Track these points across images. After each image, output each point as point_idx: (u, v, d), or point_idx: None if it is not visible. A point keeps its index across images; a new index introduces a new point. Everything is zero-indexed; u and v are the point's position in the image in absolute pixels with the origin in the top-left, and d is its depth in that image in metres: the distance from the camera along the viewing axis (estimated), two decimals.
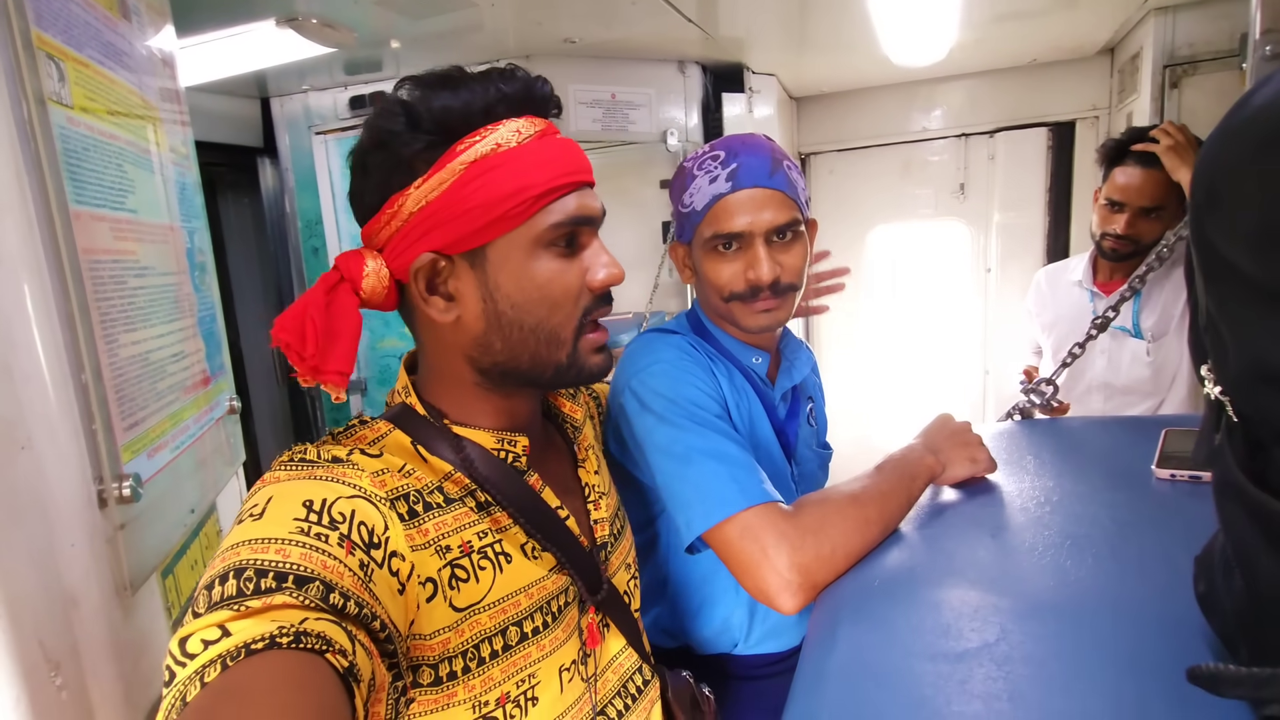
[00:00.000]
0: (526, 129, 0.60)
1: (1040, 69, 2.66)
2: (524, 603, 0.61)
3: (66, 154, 0.61)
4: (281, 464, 0.55)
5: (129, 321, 0.70)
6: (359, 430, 0.62)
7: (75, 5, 0.66)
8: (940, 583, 0.66)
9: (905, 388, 3.20)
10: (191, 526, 0.83)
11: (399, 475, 0.58)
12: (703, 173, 0.89)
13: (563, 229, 0.61)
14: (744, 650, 0.97)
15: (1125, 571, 0.64)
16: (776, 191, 0.87)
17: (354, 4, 1.55)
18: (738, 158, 0.87)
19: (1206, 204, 0.39)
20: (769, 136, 0.94)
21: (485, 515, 0.62)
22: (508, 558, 0.61)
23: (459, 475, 0.62)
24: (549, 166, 0.60)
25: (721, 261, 0.89)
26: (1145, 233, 1.61)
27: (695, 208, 0.89)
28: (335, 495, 0.51)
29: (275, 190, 2.63)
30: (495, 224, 0.58)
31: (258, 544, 0.46)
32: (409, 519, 0.55)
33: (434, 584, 0.55)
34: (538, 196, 0.59)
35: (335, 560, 0.47)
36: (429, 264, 0.60)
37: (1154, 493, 0.81)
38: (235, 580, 0.44)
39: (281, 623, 0.41)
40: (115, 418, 0.64)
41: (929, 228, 3.04)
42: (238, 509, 0.52)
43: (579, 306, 0.64)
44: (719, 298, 0.91)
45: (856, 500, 0.74)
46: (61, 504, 0.57)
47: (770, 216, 0.86)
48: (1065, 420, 1.20)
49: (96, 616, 0.60)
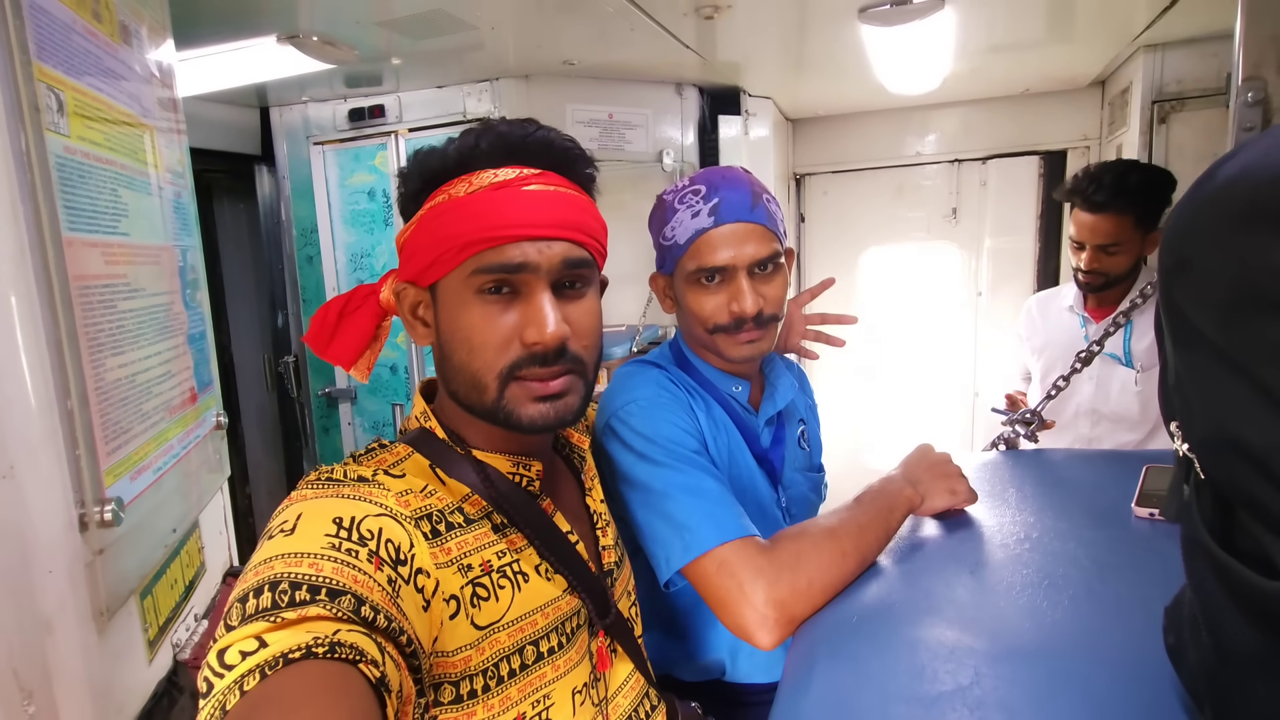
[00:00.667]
0: (482, 180, 0.62)
1: (1033, 99, 2.70)
2: (540, 622, 0.63)
3: (62, 182, 0.61)
4: (309, 483, 0.57)
5: (117, 345, 0.70)
6: (379, 453, 0.65)
7: (77, 35, 0.67)
8: (918, 621, 0.66)
9: (896, 409, 3.21)
10: (173, 546, 0.83)
11: (421, 495, 0.60)
12: (684, 206, 0.90)
13: (486, 275, 0.61)
14: (732, 679, 0.97)
15: (1101, 615, 0.65)
16: (758, 225, 0.88)
17: (355, 24, 1.57)
18: (719, 192, 0.88)
19: (1176, 270, 0.40)
20: (746, 169, 0.95)
21: (502, 536, 0.64)
22: (525, 577, 0.63)
23: (476, 497, 0.64)
24: (487, 217, 0.61)
25: (705, 294, 0.90)
26: (1109, 266, 1.70)
27: (678, 241, 0.90)
28: (363, 513, 0.53)
29: (272, 198, 2.63)
30: (435, 265, 0.63)
31: (291, 558, 0.47)
32: (432, 537, 0.57)
33: (457, 601, 0.57)
34: (462, 246, 0.61)
35: (366, 575, 0.49)
36: (406, 291, 0.67)
37: (1133, 532, 0.82)
38: (270, 593, 0.45)
39: (316, 633, 0.42)
40: (99, 442, 0.64)
41: (921, 250, 3.06)
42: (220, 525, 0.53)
43: (503, 357, 0.63)
44: (703, 330, 0.92)
45: (833, 533, 0.75)
46: (40, 531, 0.57)
47: (752, 250, 0.88)
48: (1049, 452, 1.20)
49: (71, 642, 0.60)
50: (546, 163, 0.65)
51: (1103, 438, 1.85)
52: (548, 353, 0.62)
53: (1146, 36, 1.97)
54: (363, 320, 0.71)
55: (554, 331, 0.62)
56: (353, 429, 2.62)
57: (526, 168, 0.64)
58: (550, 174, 0.65)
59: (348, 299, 0.72)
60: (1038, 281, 2.84)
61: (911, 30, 1.78)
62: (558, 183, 0.65)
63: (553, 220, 0.63)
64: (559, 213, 0.64)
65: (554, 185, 0.64)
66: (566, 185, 0.66)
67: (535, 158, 0.65)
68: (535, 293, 0.63)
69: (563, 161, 0.67)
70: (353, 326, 0.71)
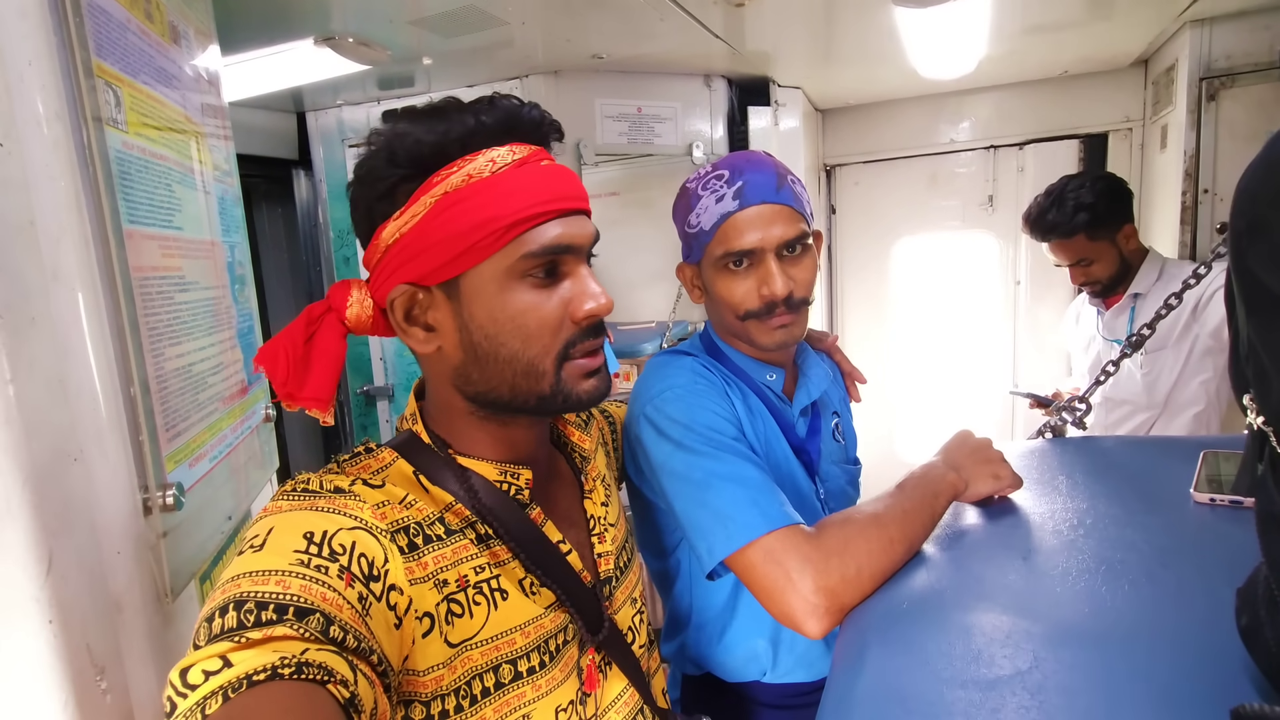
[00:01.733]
0: (504, 157, 0.59)
1: (1071, 81, 2.62)
2: (519, 641, 0.60)
3: (121, 176, 0.63)
4: (284, 493, 0.55)
5: (174, 335, 0.72)
6: (364, 459, 0.62)
7: (132, 34, 0.69)
8: (970, 606, 0.65)
9: (933, 401, 3.16)
10: (228, 533, 0.85)
11: (400, 507, 0.57)
12: (708, 192, 0.89)
13: (537, 259, 0.59)
14: (773, 679, 0.96)
15: (1163, 599, 0.62)
16: (784, 206, 0.87)
17: (388, 24, 1.59)
18: (743, 175, 0.87)
19: (1248, 233, 0.38)
20: (768, 153, 0.94)
21: (484, 548, 0.61)
22: (503, 594, 0.60)
23: (459, 506, 0.62)
24: (523, 195, 0.58)
25: (734, 279, 0.89)
26: (1094, 274, 1.80)
27: (703, 227, 0.89)
28: (336, 527, 0.51)
29: (309, 201, 2.69)
30: (465, 255, 0.58)
31: (258, 575, 0.46)
32: (409, 552, 0.55)
33: (431, 619, 0.55)
34: (508, 227, 0.57)
35: (335, 593, 0.47)
36: (405, 295, 0.60)
37: (1192, 517, 0.79)
38: (235, 612, 0.44)
39: (283, 653, 0.41)
40: (160, 429, 0.66)
41: (956, 240, 3.00)
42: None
43: (559, 339, 0.61)
44: (734, 316, 0.91)
45: (879, 520, 0.73)
46: (109, 513, 0.59)
47: (780, 231, 0.87)
48: (1098, 439, 1.17)
49: (139, 621, 0.62)
50: (537, 139, 0.63)
51: (1119, 424, 1.88)
52: (601, 322, 0.64)
53: (1193, 11, 1.90)
54: (330, 344, 0.61)
55: (607, 302, 0.62)
56: (390, 426, 2.66)
57: (526, 144, 0.61)
58: (543, 150, 0.63)
59: (307, 329, 0.61)
60: None
61: (945, 12, 1.75)
62: (552, 159, 0.64)
63: (578, 194, 0.62)
64: (577, 186, 0.63)
65: (552, 160, 0.63)
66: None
67: (529, 135, 0.62)
68: (577, 268, 0.62)
69: (547, 138, 0.64)
70: (323, 356, 0.61)
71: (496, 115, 0.59)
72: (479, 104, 0.60)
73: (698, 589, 0.95)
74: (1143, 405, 1.81)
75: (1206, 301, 1.67)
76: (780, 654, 0.95)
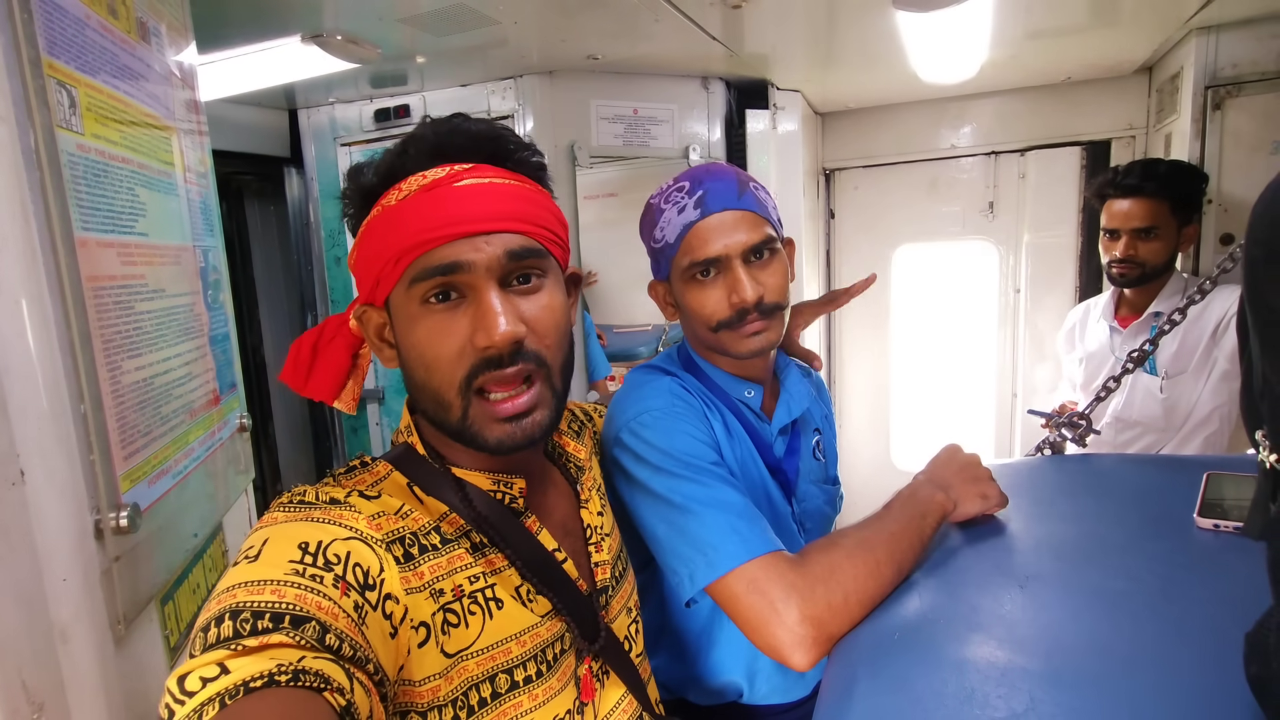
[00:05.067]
0: (413, 185, 0.59)
1: (1074, 87, 2.59)
2: (515, 650, 0.60)
3: (74, 181, 0.60)
4: (280, 505, 0.55)
5: (134, 347, 0.69)
6: (359, 473, 0.62)
7: (91, 31, 0.66)
8: (964, 639, 0.62)
9: (931, 410, 3.13)
10: (195, 549, 0.82)
11: (395, 518, 0.58)
12: (670, 205, 0.88)
13: (423, 285, 0.58)
14: (750, 701, 0.94)
15: (1167, 635, 0.60)
16: (747, 212, 0.86)
17: (378, 21, 1.56)
18: (703, 184, 0.86)
19: (1265, 262, 0.35)
20: (731, 164, 0.93)
21: (480, 557, 0.61)
22: (499, 603, 0.60)
23: (454, 516, 0.62)
24: (416, 221, 0.57)
25: (702, 290, 0.87)
26: (1146, 254, 1.71)
27: (668, 240, 0.88)
28: (331, 537, 0.51)
29: (300, 200, 2.66)
30: (381, 282, 0.60)
31: (253, 585, 0.46)
32: (405, 561, 0.55)
33: (427, 628, 0.55)
34: (398, 255, 0.58)
35: (330, 601, 0.47)
36: (364, 313, 0.65)
37: (1196, 544, 0.76)
38: (231, 622, 0.44)
39: (280, 660, 0.42)
40: (115, 447, 0.63)
41: (956, 247, 2.97)
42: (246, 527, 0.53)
43: (459, 367, 0.59)
44: (706, 329, 0.89)
45: (866, 544, 0.71)
46: (55, 538, 0.56)
47: (744, 237, 0.85)
48: (1098, 458, 1.14)
49: (88, 651, 0.59)
50: (479, 156, 0.61)
51: (1129, 444, 1.83)
52: (502, 355, 0.58)
53: (1200, 18, 1.87)
54: (338, 353, 0.68)
55: (505, 331, 0.57)
56: (380, 429, 2.63)
57: (457, 164, 0.60)
58: (484, 166, 0.61)
59: (320, 332, 0.69)
60: (1080, 278, 2.73)
61: (947, 16, 1.72)
62: (494, 174, 0.61)
63: (488, 213, 0.58)
64: (494, 204, 0.59)
65: (489, 177, 0.60)
66: (506, 176, 0.61)
67: (465, 153, 0.61)
68: (482, 293, 0.58)
69: (497, 152, 0.62)
70: (328, 360, 0.68)
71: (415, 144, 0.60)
72: (422, 126, 0.62)
73: (674, 608, 0.92)
74: (1158, 428, 1.77)
75: (1226, 325, 1.64)
76: (758, 680, 0.92)
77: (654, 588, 0.94)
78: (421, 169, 0.59)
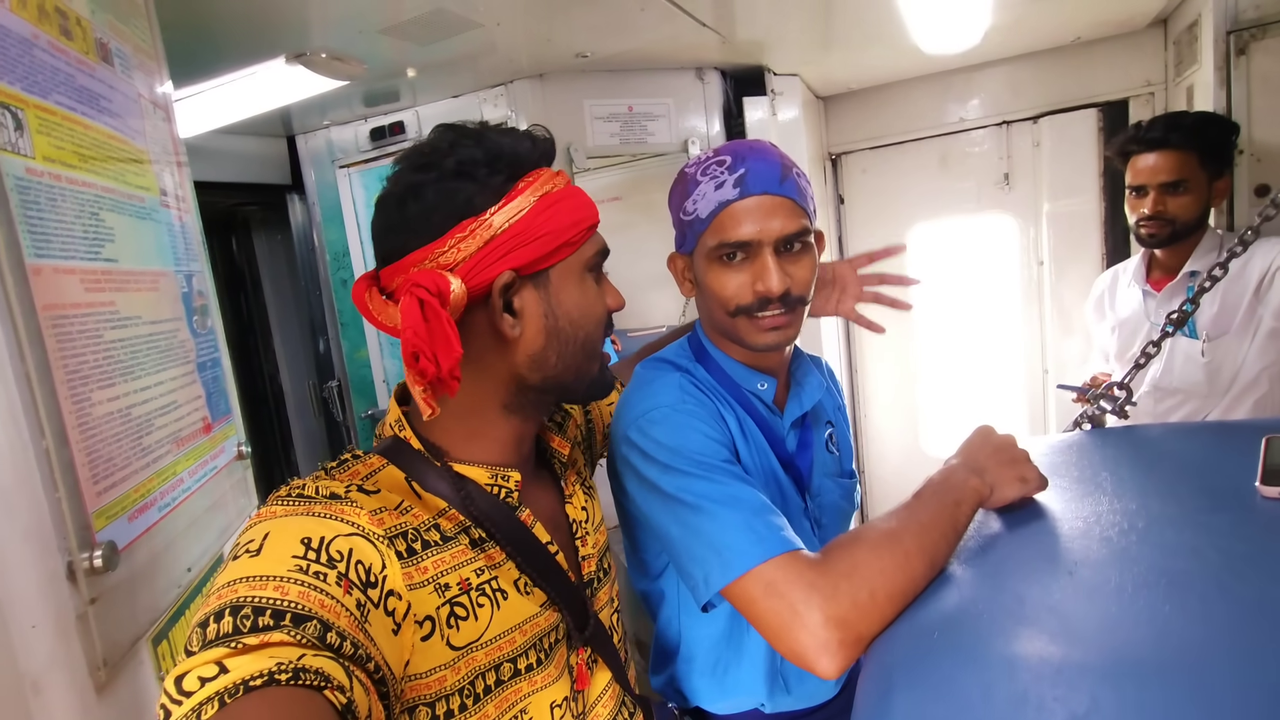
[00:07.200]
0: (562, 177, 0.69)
1: (1085, 47, 2.50)
2: (518, 639, 0.63)
3: (24, 206, 0.57)
4: (279, 499, 0.55)
5: (105, 376, 0.66)
6: (353, 465, 0.62)
7: (40, 51, 0.63)
8: (1012, 634, 0.56)
9: (959, 393, 3.03)
10: (190, 585, 0.79)
11: (396, 513, 0.58)
12: (707, 178, 0.82)
13: (599, 258, 0.71)
14: (771, 709, 0.89)
15: (1242, 618, 0.53)
16: (786, 199, 0.81)
17: (359, 35, 1.54)
18: (745, 163, 0.81)
19: None
20: (774, 143, 0.87)
21: (480, 551, 0.63)
22: (504, 594, 0.62)
23: (453, 512, 0.63)
24: (585, 208, 0.68)
25: (727, 272, 0.83)
26: (1176, 209, 1.62)
27: (699, 215, 0.83)
28: (334, 533, 0.52)
29: (304, 225, 2.67)
30: (560, 249, 0.65)
31: (255, 581, 0.46)
32: (407, 556, 0.56)
33: (432, 622, 0.56)
34: (588, 229, 0.68)
35: (333, 600, 0.48)
36: (509, 281, 0.63)
37: (1263, 515, 0.69)
38: (232, 618, 0.44)
39: (280, 659, 0.41)
40: (85, 483, 0.60)
41: (973, 223, 2.88)
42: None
43: (603, 325, 0.71)
44: (723, 312, 0.84)
45: (892, 535, 0.65)
46: (20, 584, 0.53)
47: (780, 225, 0.80)
48: (1143, 428, 1.07)
49: (66, 699, 0.55)
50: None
51: (1169, 413, 1.73)
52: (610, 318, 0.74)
53: None
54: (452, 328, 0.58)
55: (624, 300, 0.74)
56: None
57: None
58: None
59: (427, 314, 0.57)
60: (1106, 244, 2.62)
61: None
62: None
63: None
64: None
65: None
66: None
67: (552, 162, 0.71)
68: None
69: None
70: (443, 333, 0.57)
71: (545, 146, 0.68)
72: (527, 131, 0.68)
73: (686, 619, 0.88)
74: (1200, 394, 1.67)
75: (1270, 280, 1.54)
76: (778, 689, 0.87)
77: (663, 600, 0.90)
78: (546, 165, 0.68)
